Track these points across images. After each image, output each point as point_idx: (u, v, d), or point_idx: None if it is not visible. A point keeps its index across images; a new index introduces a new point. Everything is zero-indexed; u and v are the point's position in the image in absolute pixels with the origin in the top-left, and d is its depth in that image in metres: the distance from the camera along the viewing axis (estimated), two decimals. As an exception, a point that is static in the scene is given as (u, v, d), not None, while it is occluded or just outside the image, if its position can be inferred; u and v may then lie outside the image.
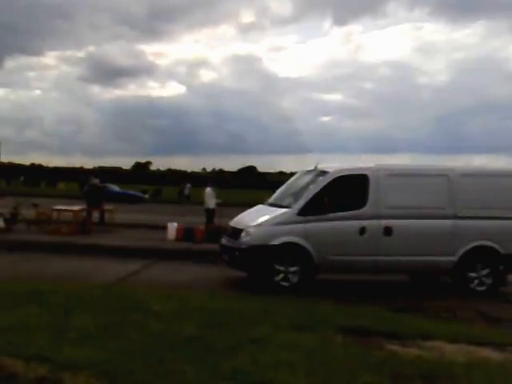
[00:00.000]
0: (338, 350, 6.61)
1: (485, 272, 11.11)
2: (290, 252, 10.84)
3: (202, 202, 23.11)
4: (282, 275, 10.85)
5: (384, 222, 10.89)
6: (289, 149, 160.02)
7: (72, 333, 6.69)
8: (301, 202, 11.05)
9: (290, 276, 10.85)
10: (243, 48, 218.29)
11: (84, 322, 7.17)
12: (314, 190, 11.13)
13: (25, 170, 72.04)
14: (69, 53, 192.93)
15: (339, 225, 10.90)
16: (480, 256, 11.09)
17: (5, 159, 66.39)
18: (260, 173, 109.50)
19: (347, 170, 11.46)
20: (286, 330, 7.23)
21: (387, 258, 10.96)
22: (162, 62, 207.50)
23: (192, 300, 8.92)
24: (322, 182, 11.20)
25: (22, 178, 61.85)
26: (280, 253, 10.81)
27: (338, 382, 5.41)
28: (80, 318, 7.31)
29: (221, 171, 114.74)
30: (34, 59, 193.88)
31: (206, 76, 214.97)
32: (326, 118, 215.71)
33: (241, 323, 7.52)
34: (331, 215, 10.87)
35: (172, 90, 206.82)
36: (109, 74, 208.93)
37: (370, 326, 7.69)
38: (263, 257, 10.80)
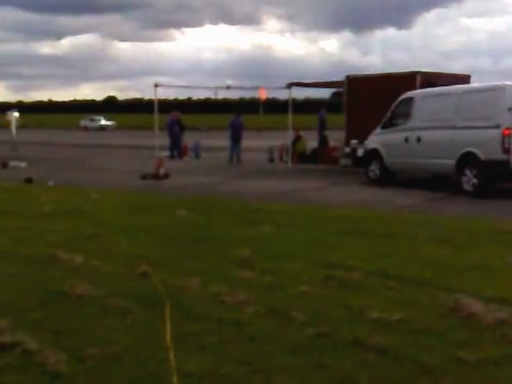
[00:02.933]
0: None
1: (472, 174, 13.86)
2: (375, 155, 16.76)
3: None
4: (371, 171, 16.98)
5: (417, 133, 15.27)
6: None
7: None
8: (383, 119, 16.67)
9: (376, 172, 16.80)
10: None
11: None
12: (391, 109, 16.45)
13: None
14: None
15: (394, 135, 16.15)
16: (468, 161, 13.96)
17: None
18: None
19: (409, 93, 16.13)
20: None
21: (418, 161, 15.37)
22: None
23: None
24: (395, 103, 16.35)
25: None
26: (371, 155, 16.97)
27: None
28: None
29: None
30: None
31: None
32: None
33: None
34: (392, 128, 16.31)
35: None
36: None
37: None
38: (366, 158, 17.34)
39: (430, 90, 15.99)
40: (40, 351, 4.39)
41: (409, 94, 16.15)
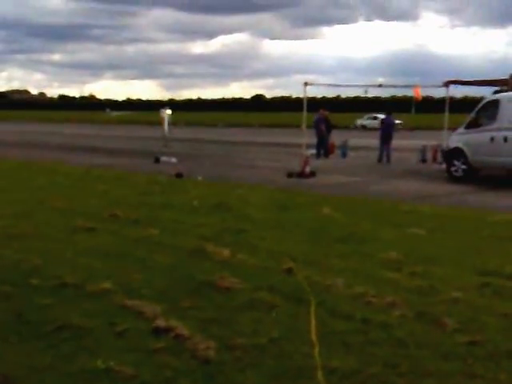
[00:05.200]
0: None
1: None
2: (458, 153, 18.16)
3: None
4: (455, 168, 18.29)
5: (504, 133, 16.71)
6: None
7: None
8: (467, 119, 18.31)
9: (460, 169, 18.12)
10: None
11: None
12: (474, 110, 18.14)
13: None
14: None
15: (479, 135, 17.53)
16: None
17: None
18: None
19: (491, 97, 18.46)
20: None
21: (505, 159, 16.74)
22: None
23: None
24: (478, 105, 18.17)
25: None
26: (453, 153, 18.35)
27: None
28: None
29: None
30: None
31: None
32: None
33: None
34: (476, 129, 17.75)
35: None
36: None
37: None
38: (448, 155, 18.70)
39: None
40: (191, 337, 4.70)
41: (494, 96, 18.23)
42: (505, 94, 17.84)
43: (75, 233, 8.85)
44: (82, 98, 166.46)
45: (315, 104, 35.62)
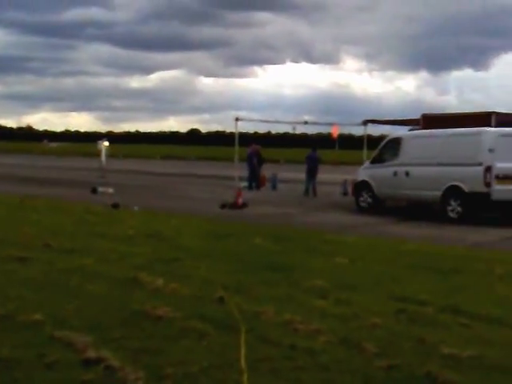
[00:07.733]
0: None
1: (457, 204, 15.97)
2: (365, 186, 18.64)
3: None
4: (362, 201, 18.72)
5: (405, 168, 17.37)
6: None
7: None
8: (373, 155, 19.28)
9: (367, 201, 18.60)
10: None
11: None
12: (378, 147, 19.07)
13: None
14: None
15: (384, 170, 18.16)
16: (454, 192, 16.09)
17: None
18: None
19: (394, 135, 19.19)
20: None
21: (407, 192, 17.37)
22: None
23: None
24: (383, 142, 18.99)
25: None
26: (361, 186, 18.82)
27: None
28: None
29: None
30: None
31: None
32: None
33: None
34: (381, 164, 18.44)
35: None
36: None
37: None
38: (356, 188, 19.16)
39: (417, 132, 18.59)
40: (121, 368, 4.52)
41: (396, 134, 19.29)
42: (407, 132, 19.01)
43: (6, 262, 8.45)
44: (20, 128, 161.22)
45: (248, 139, 35.93)
